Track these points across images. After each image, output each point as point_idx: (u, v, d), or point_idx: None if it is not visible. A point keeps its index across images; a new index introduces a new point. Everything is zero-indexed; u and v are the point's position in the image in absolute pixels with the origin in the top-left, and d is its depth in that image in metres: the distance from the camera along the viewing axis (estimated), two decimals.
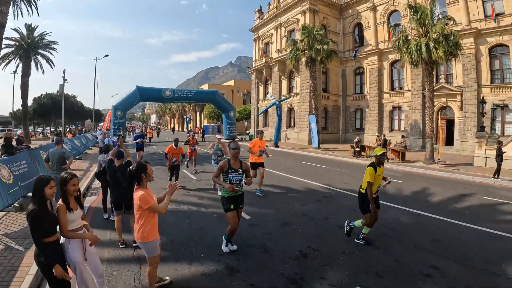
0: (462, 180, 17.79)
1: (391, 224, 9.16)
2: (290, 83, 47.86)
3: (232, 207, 6.72)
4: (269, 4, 52.53)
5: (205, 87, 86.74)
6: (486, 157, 21.52)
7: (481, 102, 25.20)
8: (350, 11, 44.84)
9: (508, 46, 28.78)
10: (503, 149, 18.22)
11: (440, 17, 31.02)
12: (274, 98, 40.58)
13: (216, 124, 69.72)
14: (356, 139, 27.87)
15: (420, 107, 34.09)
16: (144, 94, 44.47)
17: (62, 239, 4.42)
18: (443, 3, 33.56)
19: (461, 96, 31.20)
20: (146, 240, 4.90)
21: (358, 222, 7.72)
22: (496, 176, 17.07)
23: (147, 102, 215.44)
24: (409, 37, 24.61)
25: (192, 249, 7.15)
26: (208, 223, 9.14)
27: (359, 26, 44.17)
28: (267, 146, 13.52)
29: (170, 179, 13.63)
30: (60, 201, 4.32)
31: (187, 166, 19.20)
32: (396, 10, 38.56)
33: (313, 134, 35.09)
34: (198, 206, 10.94)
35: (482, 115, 25.40)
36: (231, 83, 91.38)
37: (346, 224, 8.10)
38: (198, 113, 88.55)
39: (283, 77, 48.33)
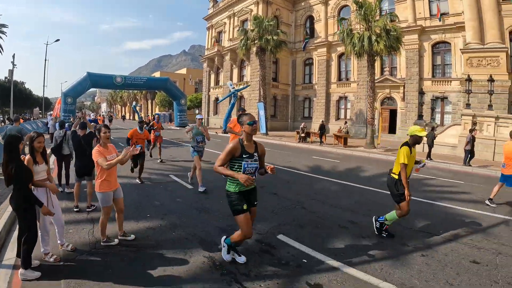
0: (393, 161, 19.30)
1: (321, 191, 10.36)
2: (241, 71, 48.89)
3: (245, 207, 4.96)
4: None
5: (157, 74, 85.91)
6: (423, 143, 23.23)
7: (420, 93, 27.29)
8: (302, 4, 46.25)
9: (450, 43, 31.47)
10: (436, 134, 20.88)
11: (387, 13, 33.04)
12: (234, 87, 41.18)
13: (168, 112, 69.49)
14: (302, 125, 29.22)
15: (365, 97, 35.70)
16: (95, 81, 43.90)
17: None
18: (392, 1, 35.87)
19: (404, 87, 33.60)
20: (98, 190, 5.68)
21: (391, 215, 6.56)
22: (428, 158, 19.19)
23: (97, 91, 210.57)
24: (354, 31, 26.02)
25: (140, 211, 7.88)
26: (156, 191, 9.91)
27: (311, 18, 45.72)
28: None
29: (133, 170, 11.78)
30: (28, 155, 5.11)
31: (151, 155, 16.73)
32: (346, 5, 40.28)
33: (261, 121, 36.21)
34: (147, 180, 11.58)
35: (421, 105, 27.53)
36: (183, 71, 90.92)
37: (374, 221, 6.85)
38: (149, 101, 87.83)
39: (234, 65, 49.16)
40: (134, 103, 44.07)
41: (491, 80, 23.12)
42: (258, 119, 37.94)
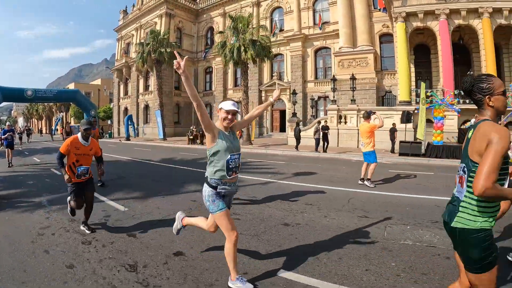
0: (258, 153, 23.64)
1: (157, 172, 14.47)
2: (147, 82, 51.71)
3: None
4: (134, 6, 55.52)
5: (71, 86, 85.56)
6: (292, 137, 26.85)
7: (292, 93, 31.71)
8: (204, 16, 50.33)
9: (330, 48, 36.93)
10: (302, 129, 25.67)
11: (277, 25, 37.17)
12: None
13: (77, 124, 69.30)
14: (191, 128, 32.24)
15: (256, 101, 39.68)
16: (5, 94, 43.21)
17: None
18: (282, 12, 40.96)
19: (290, 90, 37.37)
20: None
21: None
22: (296, 149, 23.15)
23: (13, 105, 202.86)
24: (227, 43, 29.29)
25: (16, 186, 11.18)
26: (33, 177, 13.28)
27: (211, 30, 49.83)
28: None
29: (74, 212, 6.54)
30: None
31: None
32: None
33: (159, 127, 39.89)
34: (32, 171, 14.70)
35: (293, 104, 31.80)
36: (98, 82, 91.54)
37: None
38: (64, 113, 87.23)
39: (140, 76, 51.82)
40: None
41: (352, 78, 27.81)
42: (157, 126, 40.56)
